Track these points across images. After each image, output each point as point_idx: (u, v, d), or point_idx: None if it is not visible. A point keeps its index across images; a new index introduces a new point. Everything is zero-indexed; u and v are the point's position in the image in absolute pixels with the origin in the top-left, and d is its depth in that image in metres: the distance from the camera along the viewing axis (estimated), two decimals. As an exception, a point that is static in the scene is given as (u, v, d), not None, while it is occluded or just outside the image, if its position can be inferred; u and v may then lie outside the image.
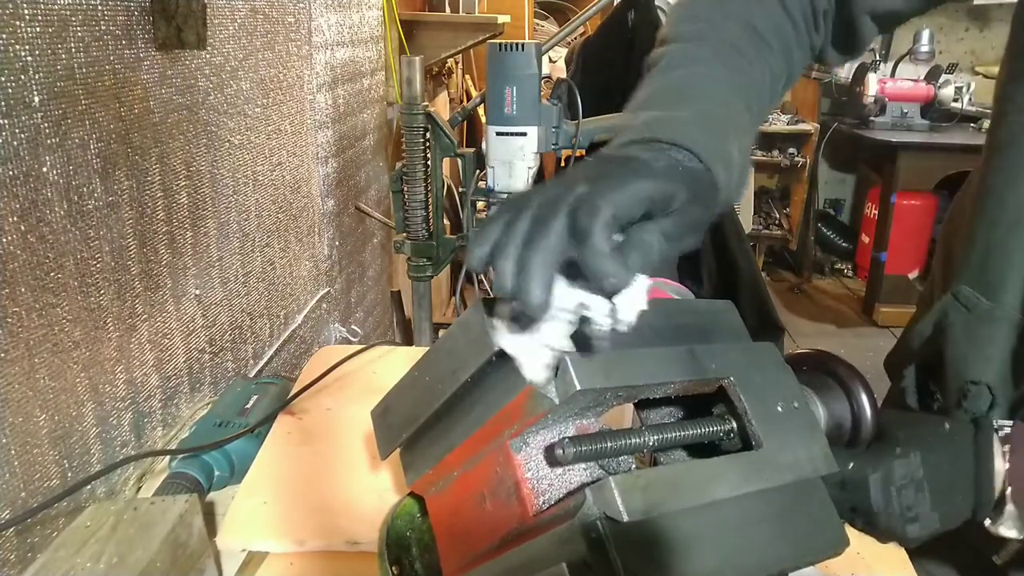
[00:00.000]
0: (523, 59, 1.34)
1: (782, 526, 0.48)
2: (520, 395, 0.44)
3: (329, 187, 1.52)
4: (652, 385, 0.48)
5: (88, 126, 0.73)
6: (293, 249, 1.34)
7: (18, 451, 0.66)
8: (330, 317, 1.59)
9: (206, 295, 1.01)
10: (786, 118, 4.23)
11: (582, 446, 0.44)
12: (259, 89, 1.13)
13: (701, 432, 0.51)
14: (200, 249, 0.98)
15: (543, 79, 1.43)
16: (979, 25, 4.30)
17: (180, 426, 0.94)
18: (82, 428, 0.75)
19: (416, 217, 1.42)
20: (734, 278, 1.71)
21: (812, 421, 0.55)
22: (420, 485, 0.58)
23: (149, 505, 0.64)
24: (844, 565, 0.70)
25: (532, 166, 1.42)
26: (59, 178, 0.69)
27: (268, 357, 1.23)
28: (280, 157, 1.24)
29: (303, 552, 0.71)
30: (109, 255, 0.78)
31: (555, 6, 4.08)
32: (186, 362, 0.96)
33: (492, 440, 0.49)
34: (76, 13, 0.70)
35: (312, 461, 0.83)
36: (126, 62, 0.78)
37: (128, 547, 0.59)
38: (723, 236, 1.72)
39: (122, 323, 0.81)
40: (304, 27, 1.31)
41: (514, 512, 0.48)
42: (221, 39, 0.99)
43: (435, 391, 0.51)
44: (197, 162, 0.95)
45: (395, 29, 1.88)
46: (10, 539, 0.66)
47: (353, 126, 1.67)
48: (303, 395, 0.95)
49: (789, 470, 0.50)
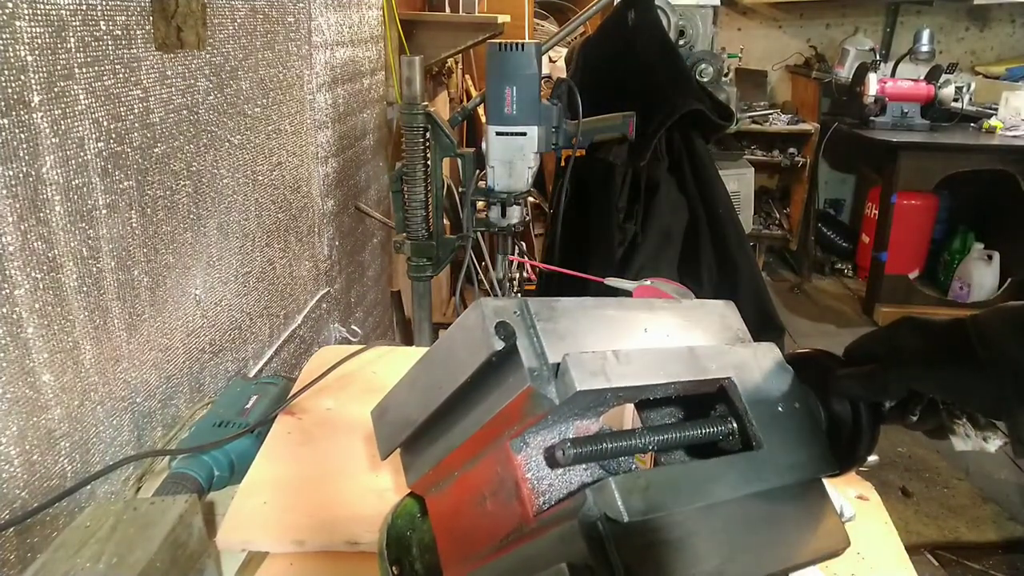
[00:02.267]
0: (523, 59, 1.34)
1: (782, 526, 0.48)
2: (520, 395, 0.44)
3: (329, 187, 1.52)
4: (652, 385, 0.48)
5: (88, 126, 0.73)
6: (293, 249, 1.34)
7: (18, 451, 0.66)
8: (330, 317, 1.58)
9: (206, 295, 1.01)
10: (786, 118, 4.23)
11: (583, 447, 0.44)
12: (259, 89, 1.13)
13: (701, 433, 0.51)
14: (200, 249, 0.98)
15: (543, 79, 1.43)
16: (979, 25, 4.30)
17: (180, 426, 0.94)
18: (82, 428, 0.75)
19: (416, 217, 1.42)
20: (734, 278, 1.71)
21: (812, 421, 0.55)
22: (420, 485, 0.58)
23: (149, 505, 0.64)
24: (844, 565, 0.70)
25: (532, 166, 1.42)
26: (59, 178, 0.69)
27: (268, 357, 1.23)
28: (280, 157, 1.24)
29: (303, 552, 0.71)
30: (109, 255, 0.78)
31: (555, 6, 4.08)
32: (186, 362, 0.96)
33: (492, 440, 0.49)
34: (76, 13, 0.70)
35: (312, 461, 0.83)
36: (126, 62, 0.78)
37: (128, 547, 0.59)
38: (724, 236, 1.72)
39: (122, 323, 0.81)
40: (304, 27, 1.31)
41: (514, 512, 0.47)
42: (221, 39, 0.99)
43: (435, 391, 0.51)
44: (197, 162, 0.95)
45: (395, 29, 1.88)
46: (10, 539, 0.66)
47: (353, 126, 1.67)
48: (303, 395, 0.95)
49: (789, 470, 0.50)
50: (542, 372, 0.44)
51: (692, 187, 1.74)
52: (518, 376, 0.44)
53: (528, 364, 0.44)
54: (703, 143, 1.74)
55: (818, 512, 0.51)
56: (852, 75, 3.88)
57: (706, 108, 1.63)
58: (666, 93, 1.65)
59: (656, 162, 1.71)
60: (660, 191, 1.72)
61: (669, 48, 1.75)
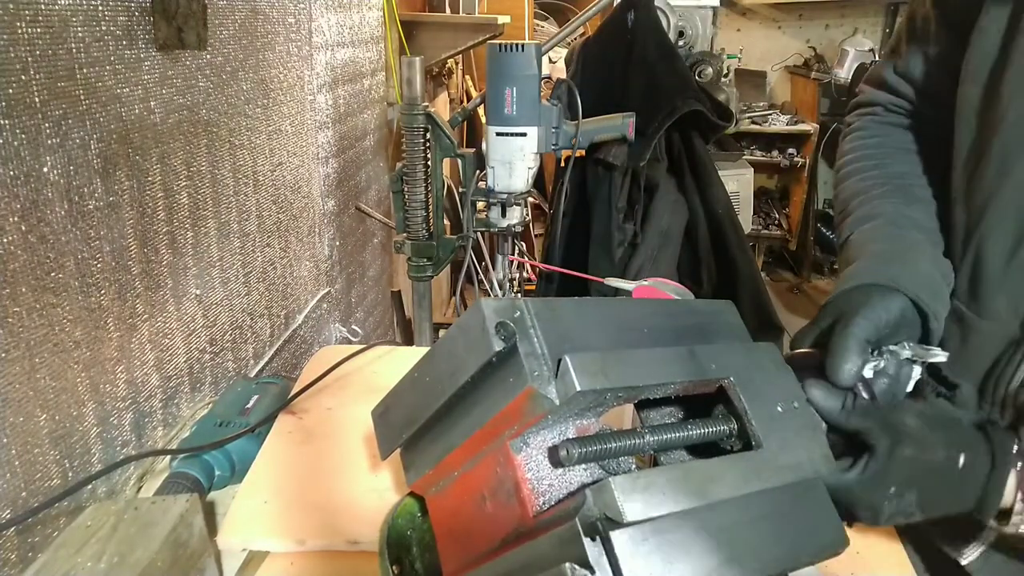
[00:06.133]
0: (523, 59, 1.34)
1: (782, 526, 0.48)
2: (520, 396, 0.44)
3: (329, 187, 1.52)
4: (652, 386, 0.48)
5: (89, 126, 0.73)
6: (294, 249, 1.34)
7: (19, 451, 0.66)
8: (330, 317, 1.59)
9: (207, 295, 1.01)
10: (786, 118, 4.23)
11: (584, 448, 0.45)
12: (259, 89, 1.13)
13: (701, 433, 0.51)
14: (201, 249, 0.98)
15: (543, 79, 1.43)
16: (979, 25, 4.30)
17: (181, 426, 0.94)
18: (83, 428, 0.75)
19: (416, 217, 1.42)
20: (734, 278, 1.71)
21: (812, 421, 0.55)
22: (420, 485, 0.58)
23: (150, 505, 0.64)
24: (844, 565, 0.70)
25: (532, 166, 1.42)
26: (60, 178, 0.69)
27: (269, 357, 1.23)
28: (280, 157, 1.24)
29: (303, 551, 0.71)
30: (110, 255, 0.78)
31: (555, 6, 4.08)
32: (187, 362, 0.96)
33: (492, 441, 0.49)
34: (77, 13, 0.70)
35: (313, 461, 0.83)
36: (127, 62, 0.78)
37: (129, 547, 0.59)
38: (723, 236, 1.72)
39: (123, 323, 0.81)
40: (304, 28, 1.31)
41: (514, 513, 0.48)
42: (221, 39, 0.99)
43: (435, 391, 0.51)
44: (198, 162, 0.95)
45: (395, 30, 1.88)
46: (11, 539, 0.66)
47: (353, 126, 1.67)
48: (303, 395, 0.95)
49: (789, 470, 0.50)
50: (542, 372, 0.44)
51: (691, 187, 1.74)
52: (518, 376, 0.44)
53: (528, 364, 0.44)
54: (703, 143, 1.74)
55: (818, 512, 0.51)
56: (851, 76, 3.89)
57: (706, 108, 1.63)
58: (666, 94, 1.65)
59: (656, 162, 1.72)
60: (659, 191, 1.72)
61: (668, 49, 1.75)
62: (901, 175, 0.80)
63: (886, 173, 0.80)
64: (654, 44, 1.74)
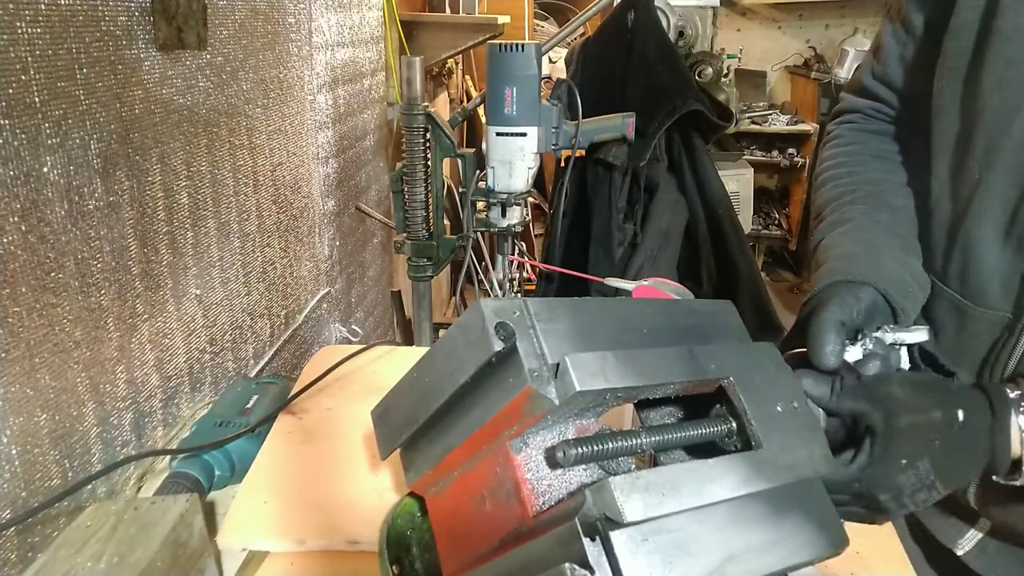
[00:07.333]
0: (523, 59, 1.34)
1: (782, 526, 0.48)
2: (520, 396, 0.44)
3: (329, 187, 1.52)
4: (652, 386, 0.48)
5: (88, 126, 0.73)
6: (294, 249, 1.34)
7: (19, 451, 0.66)
8: (330, 317, 1.59)
9: (207, 295, 1.01)
10: (785, 118, 4.24)
11: (583, 448, 0.45)
12: (259, 89, 1.13)
13: (701, 433, 0.51)
14: (201, 249, 0.98)
15: (543, 79, 1.43)
16: (979, 25, 4.30)
17: (181, 426, 0.94)
18: (83, 428, 0.75)
19: (416, 217, 1.42)
20: (734, 278, 1.71)
21: (812, 421, 0.55)
22: (420, 485, 0.58)
23: (150, 505, 0.64)
24: (844, 565, 0.70)
25: (532, 166, 1.42)
26: (60, 178, 0.69)
27: (269, 357, 1.23)
28: (280, 157, 1.24)
29: (303, 552, 0.71)
30: (110, 255, 0.78)
31: (555, 6, 4.08)
32: (187, 362, 0.96)
33: (492, 441, 0.49)
34: (77, 13, 0.70)
35: (312, 461, 0.83)
36: (127, 62, 0.78)
37: (129, 547, 0.59)
38: (723, 236, 1.72)
39: (123, 323, 0.81)
40: (304, 27, 1.31)
41: (514, 513, 0.48)
42: (221, 39, 0.99)
43: (435, 392, 0.51)
44: (197, 162, 0.95)
45: (395, 30, 1.88)
46: (11, 539, 0.66)
47: (353, 126, 1.67)
48: (303, 395, 0.95)
49: (789, 470, 0.50)
50: (542, 372, 0.44)
51: (691, 187, 1.74)
52: (518, 377, 0.44)
53: (528, 365, 0.44)
54: (702, 143, 1.74)
55: (818, 512, 0.51)
56: (851, 76, 3.88)
57: (706, 108, 1.63)
58: (666, 94, 1.65)
59: (655, 162, 1.72)
60: (659, 191, 1.72)
61: (668, 49, 1.75)
62: (874, 182, 0.81)
63: (858, 180, 0.81)
64: (654, 44, 1.74)
